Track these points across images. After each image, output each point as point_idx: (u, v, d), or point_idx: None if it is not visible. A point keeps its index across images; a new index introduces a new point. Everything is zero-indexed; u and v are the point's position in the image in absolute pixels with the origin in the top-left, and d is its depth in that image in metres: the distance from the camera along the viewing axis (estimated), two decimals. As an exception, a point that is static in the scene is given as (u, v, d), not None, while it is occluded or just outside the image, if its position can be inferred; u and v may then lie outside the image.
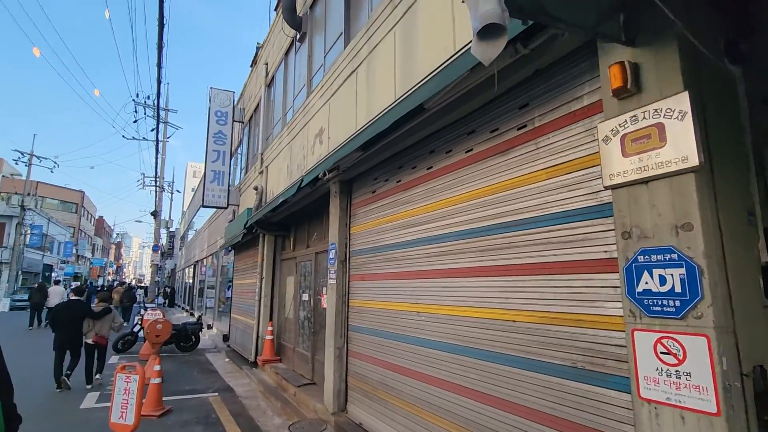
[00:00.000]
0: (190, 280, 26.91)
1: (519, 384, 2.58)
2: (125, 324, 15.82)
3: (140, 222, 44.48)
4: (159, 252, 25.34)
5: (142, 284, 41.47)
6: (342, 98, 5.39)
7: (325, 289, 6.14)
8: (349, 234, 5.17)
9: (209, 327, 15.17)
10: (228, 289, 15.36)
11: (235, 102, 12.47)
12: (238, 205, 12.20)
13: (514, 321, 2.68)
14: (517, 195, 2.75)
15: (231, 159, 12.09)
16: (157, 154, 20.65)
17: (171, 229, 48.66)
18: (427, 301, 3.56)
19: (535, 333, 2.52)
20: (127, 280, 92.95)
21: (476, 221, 3.06)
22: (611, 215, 2.09)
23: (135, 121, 25.37)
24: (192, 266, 24.98)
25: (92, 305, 8.02)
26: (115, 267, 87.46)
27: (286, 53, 8.45)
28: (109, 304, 8.93)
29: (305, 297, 6.96)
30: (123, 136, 25.86)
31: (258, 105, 10.91)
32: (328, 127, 5.74)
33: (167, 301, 32.47)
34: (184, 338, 11.02)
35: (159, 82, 16.06)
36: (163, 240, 44.97)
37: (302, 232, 7.59)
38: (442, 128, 3.58)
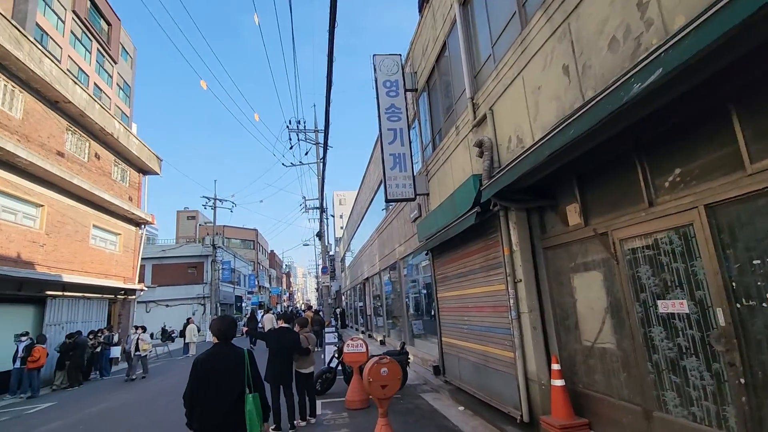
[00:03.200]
0: (360, 300, 25.77)
1: None
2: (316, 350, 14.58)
3: (307, 245, 47.08)
4: (328, 273, 24.76)
5: (313, 308, 42.73)
6: None
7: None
8: None
9: (402, 353, 12.59)
10: (404, 305, 12.64)
11: (402, 66, 9.83)
12: (427, 194, 9.33)
13: None
14: None
15: (410, 138, 9.37)
16: (323, 175, 19.82)
17: (330, 253, 50.84)
18: None
19: None
20: (300, 305, 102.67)
21: None
22: None
23: (291, 148, 25.81)
24: (361, 285, 23.67)
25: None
26: (288, 294, 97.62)
27: None
28: (309, 331, 6.81)
29: (670, 307, 3.31)
30: (282, 164, 26.52)
31: (443, 48, 7.94)
32: None
33: (339, 322, 32.46)
34: (390, 373, 8.38)
35: (328, 109, 14.69)
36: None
37: (613, 184, 4.00)
38: None
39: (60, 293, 13.90)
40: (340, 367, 8.55)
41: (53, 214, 13.79)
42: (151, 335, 32.82)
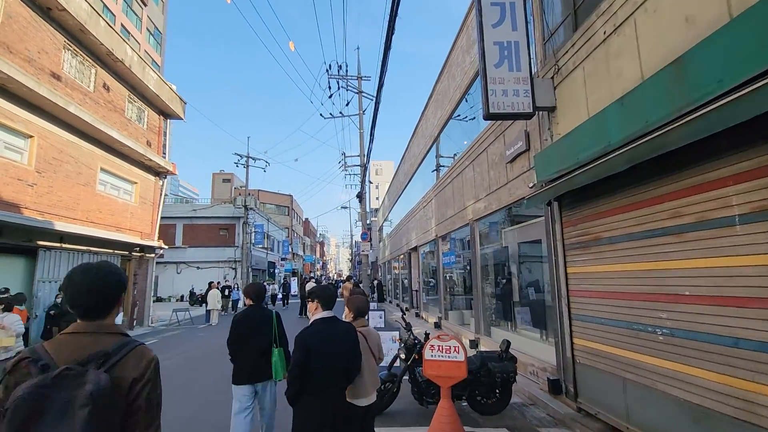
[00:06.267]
0: (405, 272, 22.82)
1: None
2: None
3: (345, 207, 44.65)
4: (368, 240, 21.87)
5: (353, 279, 40.27)
6: None
7: None
8: None
9: (474, 346, 9.44)
10: (495, 284, 9.34)
11: None
12: (553, 108, 5.84)
13: None
14: None
15: (526, 19, 5.85)
16: (374, 118, 16.51)
17: (367, 222, 48.16)
18: None
19: None
20: (332, 275, 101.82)
21: None
22: None
23: (330, 96, 22.59)
24: (406, 255, 20.61)
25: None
26: (321, 263, 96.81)
27: None
28: (367, 324, 3.66)
29: None
30: (321, 114, 23.46)
31: None
32: None
33: (376, 295, 29.68)
34: (486, 387, 5.24)
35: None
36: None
37: None
38: None
39: (57, 245, 11.61)
40: (398, 366, 5.49)
41: (47, 148, 11.32)
42: (181, 298, 31.69)
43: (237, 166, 31.84)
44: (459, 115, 11.23)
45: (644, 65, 3.94)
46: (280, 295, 31.00)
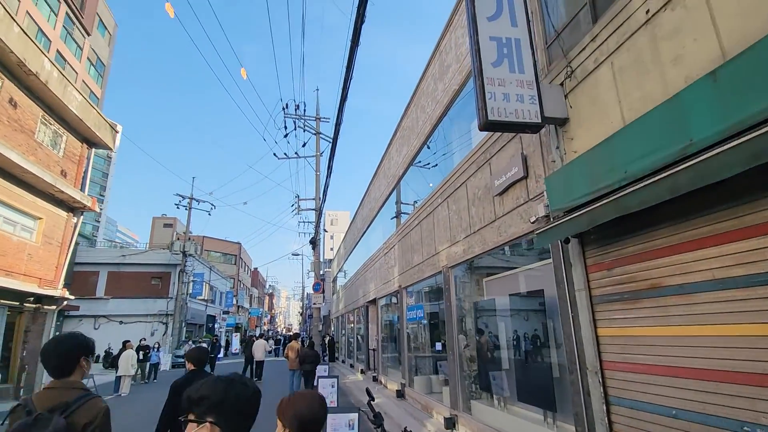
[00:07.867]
0: (360, 327, 20.62)
1: None
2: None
3: (297, 255, 42.08)
4: (321, 292, 19.72)
5: (302, 337, 36.48)
6: None
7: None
8: None
9: None
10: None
11: None
12: (565, 121, 4.62)
13: None
14: None
15: (528, 15, 4.79)
16: (332, 155, 15.25)
17: (320, 273, 45.44)
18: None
19: None
20: (281, 330, 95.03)
21: None
22: None
23: (285, 136, 21.22)
24: (363, 308, 18.59)
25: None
26: (269, 317, 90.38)
27: None
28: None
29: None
30: (274, 154, 21.81)
31: None
32: None
33: (327, 353, 26.78)
34: None
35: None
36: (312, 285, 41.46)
37: None
38: None
39: None
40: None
41: None
42: (97, 359, 26.91)
43: (178, 208, 29.02)
44: (422, 163, 10.11)
45: (726, 35, 2.77)
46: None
